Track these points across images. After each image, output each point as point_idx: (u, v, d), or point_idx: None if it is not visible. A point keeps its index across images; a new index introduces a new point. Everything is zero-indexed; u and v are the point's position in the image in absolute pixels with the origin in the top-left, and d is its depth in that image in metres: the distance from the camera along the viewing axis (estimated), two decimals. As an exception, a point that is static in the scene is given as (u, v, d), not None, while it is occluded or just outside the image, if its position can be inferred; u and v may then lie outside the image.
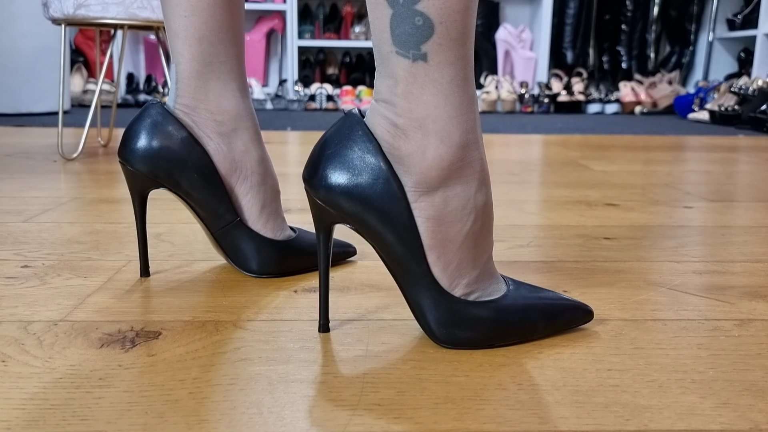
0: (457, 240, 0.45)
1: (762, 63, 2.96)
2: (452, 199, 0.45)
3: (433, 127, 0.43)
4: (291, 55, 3.39)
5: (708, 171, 1.39)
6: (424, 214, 0.45)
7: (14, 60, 2.42)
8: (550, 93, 3.32)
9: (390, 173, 0.44)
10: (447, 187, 0.44)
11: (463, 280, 0.46)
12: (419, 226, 0.45)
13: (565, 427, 0.37)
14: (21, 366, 0.44)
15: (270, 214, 0.62)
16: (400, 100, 0.43)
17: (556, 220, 0.90)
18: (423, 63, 0.42)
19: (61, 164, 1.35)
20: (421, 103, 0.43)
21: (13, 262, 0.67)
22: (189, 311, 0.54)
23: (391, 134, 0.44)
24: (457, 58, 0.42)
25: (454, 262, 0.46)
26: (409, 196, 0.44)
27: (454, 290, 0.46)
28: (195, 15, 0.57)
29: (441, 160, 0.43)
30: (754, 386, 0.42)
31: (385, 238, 0.45)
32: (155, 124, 0.58)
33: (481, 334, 0.47)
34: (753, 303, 0.58)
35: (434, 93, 0.43)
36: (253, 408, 0.39)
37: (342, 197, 0.44)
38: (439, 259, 0.45)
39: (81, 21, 1.33)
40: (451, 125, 0.43)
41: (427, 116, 0.43)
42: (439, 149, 0.43)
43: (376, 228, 0.45)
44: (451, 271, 0.46)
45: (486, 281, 0.48)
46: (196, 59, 0.58)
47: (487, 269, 0.48)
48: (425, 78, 0.42)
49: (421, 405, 0.40)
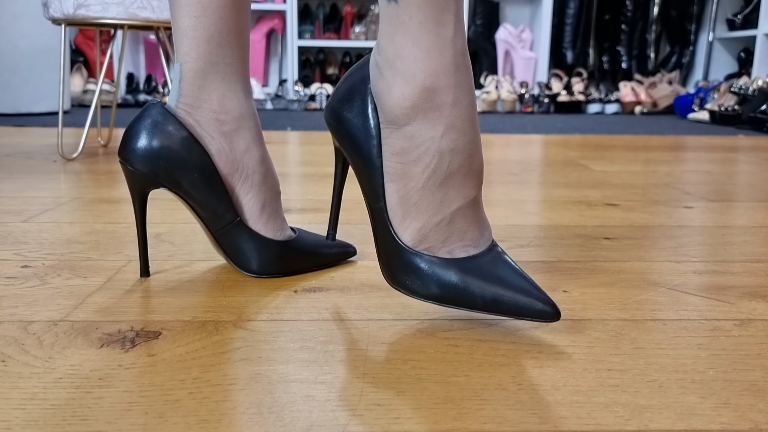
0: (418, 179, 0.47)
1: (762, 63, 2.96)
2: (415, 138, 0.47)
3: (401, 66, 0.46)
4: (291, 55, 3.39)
5: (708, 171, 1.39)
6: (390, 149, 0.48)
7: (14, 60, 2.42)
8: (550, 93, 3.32)
9: (372, 109, 0.48)
10: (412, 125, 0.46)
11: (417, 224, 0.48)
12: (384, 160, 0.48)
13: (565, 427, 0.37)
14: (21, 366, 0.44)
15: (270, 214, 0.62)
16: (381, 39, 0.47)
17: (556, 220, 0.90)
18: (394, 4, 0.45)
19: (61, 164, 1.35)
20: (393, 44, 0.46)
21: (13, 262, 0.67)
22: (189, 311, 0.54)
23: (374, 72, 0.48)
24: (425, 2, 0.44)
25: (412, 200, 0.47)
26: (382, 132, 0.48)
27: (404, 232, 0.48)
28: (205, 16, 0.57)
29: (404, 99, 0.46)
30: (754, 386, 0.42)
31: (359, 162, 0.50)
32: (155, 123, 0.58)
33: (418, 286, 0.48)
34: (753, 303, 0.58)
35: (403, 35, 0.45)
36: (253, 408, 0.39)
37: (335, 122, 0.51)
38: (396, 193, 0.48)
39: (81, 21, 1.33)
40: (416, 67, 0.45)
41: (396, 56, 0.46)
42: (403, 89, 0.46)
43: (355, 154, 0.50)
44: (407, 209, 0.48)
45: (449, 235, 0.48)
46: (202, 59, 0.58)
47: (454, 223, 0.48)
48: (396, 20, 0.45)
49: (421, 405, 0.40)
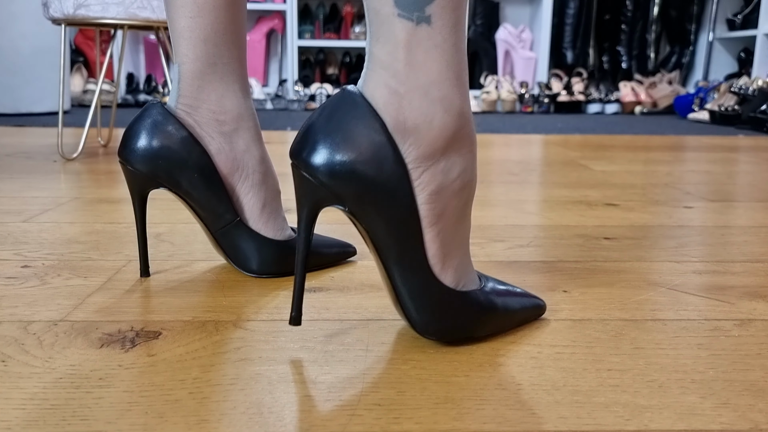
0: (452, 215, 0.44)
1: (762, 63, 2.96)
2: (452, 171, 0.43)
3: (438, 93, 0.41)
4: (291, 55, 3.39)
5: (708, 171, 1.39)
6: (427, 190, 0.43)
7: (14, 60, 2.42)
8: (550, 93, 3.32)
9: (395, 151, 0.41)
10: (448, 158, 0.43)
11: (454, 263, 0.45)
12: (419, 203, 0.43)
13: (565, 427, 0.37)
14: (21, 366, 0.44)
15: (270, 214, 0.62)
16: (402, 65, 0.41)
17: (556, 220, 0.90)
18: (426, 26, 0.40)
19: (61, 164, 1.35)
20: (424, 69, 0.41)
21: (13, 262, 0.67)
22: (189, 311, 0.54)
23: (394, 106, 0.41)
24: (457, 21, 0.41)
25: (449, 238, 0.45)
26: (411, 174, 0.42)
27: (445, 277, 0.45)
28: (201, 16, 0.57)
29: (446, 128, 0.42)
30: (754, 386, 0.42)
31: (383, 220, 0.42)
32: (155, 123, 0.58)
33: (463, 324, 0.46)
34: (753, 303, 0.58)
35: (437, 58, 0.41)
36: (253, 408, 0.39)
37: (346, 176, 0.41)
38: (438, 236, 0.44)
39: (81, 21, 1.33)
40: (453, 92, 0.42)
41: (431, 83, 0.41)
42: (444, 118, 0.42)
43: (376, 209, 0.42)
44: (447, 251, 0.45)
45: (467, 267, 0.47)
46: (199, 59, 0.58)
47: (466, 254, 0.47)
48: (429, 42, 0.40)
49: (421, 405, 0.40)
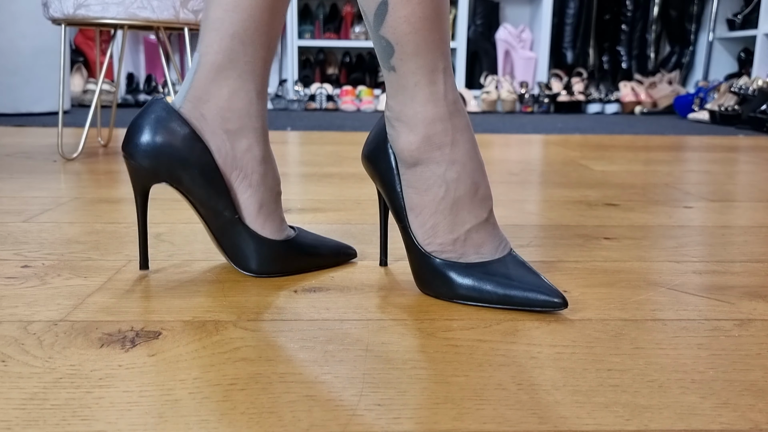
0: (431, 206, 0.57)
1: (762, 63, 2.96)
2: (424, 173, 0.57)
3: (405, 119, 0.56)
4: (291, 55, 3.39)
5: (708, 171, 1.39)
6: (406, 183, 0.58)
7: (14, 60, 2.42)
8: (550, 93, 3.32)
9: (391, 154, 0.59)
10: (421, 165, 0.57)
11: (437, 240, 0.57)
12: (403, 192, 0.59)
13: (565, 427, 0.37)
14: (21, 366, 0.44)
15: (269, 215, 0.62)
16: (388, 98, 0.58)
17: (556, 220, 0.90)
18: (394, 73, 0.55)
19: (61, 164, 1.35)
20: (396, 103, 0.56)
21: (13, 262, 0.67)
22: (189, 311, 0.54)
23: (387, 124, 0.59)
24: (417, 67, 0.54)
25: (429, 223, 0.57)
26: (399, 170, 0.59)
27: (426, 246, 0.58)
28: (235, 11, 0.58)
29: (410, 144, 0.56)
30: (754, 386, 0.43)
31: (386, 198, 0.61)
32: (159, 119, 0.58)
33: (444, 290, 0.57)
34: (753, 303, 0.58)
35: (404, 95, 0.56)
36: (253, 408, 0.39)
37: (368, 165, 0.62)
38: (416, 218, 0.58)
39: (81, 21, 1.33)
40: (416, 119, 0.56)
41: (401, 112, 0.56)
42: (408, 136, 0.56)
43: (384, 189, 0.61)
44: (426, 231, 0.58)
45: (465, 249, 0.57)
46: (222, 53, 0.59)
47: (469, 240, 0.57)
48: (397, 84, 0.56)
49: (421, 405, 0.40)
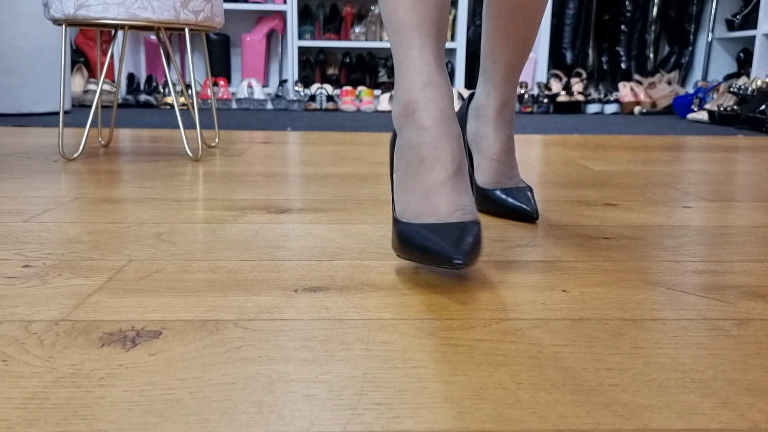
0: (404, 168, 0.67)
1: (761, 63, 2.96)
2: (402, 138, 0.68)
3: (396, 88, 0.70)
4: (291, 55, 3.39)
5: (707, 171, 1.39)
6: (396, 150, 0.70)
7: (15, 60, 2.42)
8: (549, 93, 3.32)
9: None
10: (401, 131, 0.68)
11: (403, 200, 0.66)
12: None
13: (565, 426, 0.38)
14: (22, 365, 0.44)
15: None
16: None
17: (556, 220, 0.90)
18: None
19: (62, 164, 1.35)
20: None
21: (13, 261, 0.67)
22: (189, 311, 0.54)
23: None
24: (393, 47, 0.69)
25: (401, 185, 0.67)
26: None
27: (396, 206, 0.67)
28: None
29: (395, 111, 0.69)
30: (753, 386, 0.43)
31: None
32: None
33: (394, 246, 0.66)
34: (752, 303, 0.58)
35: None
36: (253, 407, 0.39)
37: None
38: (396, 181, 0.68)
39: (82, 21, 1.33)
40: (398, 88, 0.69)
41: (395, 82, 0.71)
42: (395, 105, 0.69)
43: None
44: (398, 192, 0.67)
45: (425, 208, 0.64)
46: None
47: (431, 198, 0.65)
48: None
49: (421, 405, 0.40)
